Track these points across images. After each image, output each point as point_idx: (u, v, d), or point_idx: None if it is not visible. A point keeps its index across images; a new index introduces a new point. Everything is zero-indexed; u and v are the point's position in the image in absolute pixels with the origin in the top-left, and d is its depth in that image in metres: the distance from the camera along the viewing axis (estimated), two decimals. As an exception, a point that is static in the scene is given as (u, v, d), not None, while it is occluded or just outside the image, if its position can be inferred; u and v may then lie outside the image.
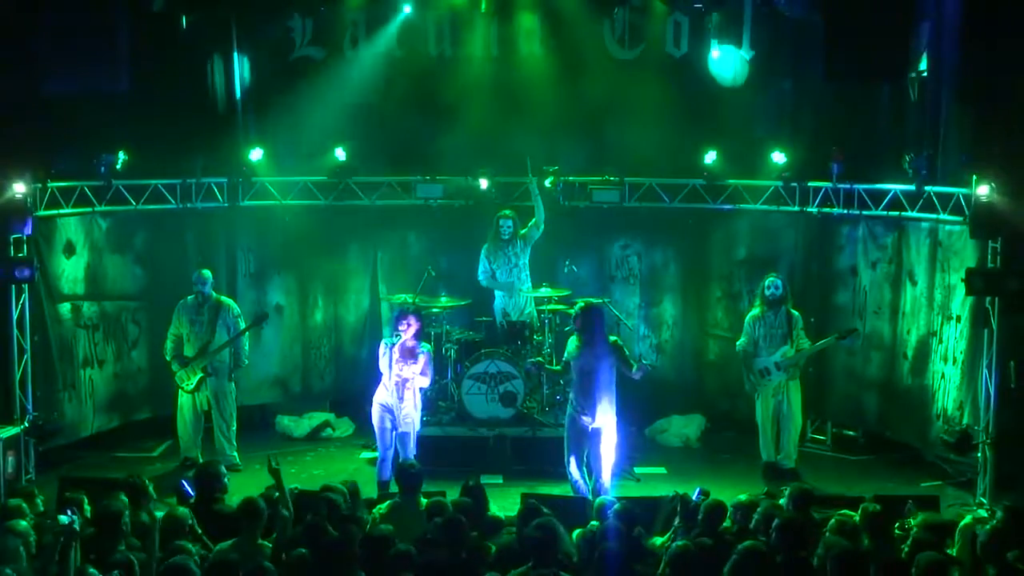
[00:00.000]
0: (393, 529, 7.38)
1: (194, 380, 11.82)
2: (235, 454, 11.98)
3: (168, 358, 11.96)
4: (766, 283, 11.78)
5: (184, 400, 11.94)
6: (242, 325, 12.01)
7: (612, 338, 10.74)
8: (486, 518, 8.23)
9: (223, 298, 12.11)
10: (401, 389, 10.69)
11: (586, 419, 10.42)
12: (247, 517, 7.50)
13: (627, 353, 10.72)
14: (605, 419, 10.44)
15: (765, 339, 11.67)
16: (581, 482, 10.58)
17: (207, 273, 11.97)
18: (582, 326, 10.44)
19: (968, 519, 8.05)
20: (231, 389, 12.04)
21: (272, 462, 8.06)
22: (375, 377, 11.02)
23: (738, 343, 11.92)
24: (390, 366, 10.67)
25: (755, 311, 11.85)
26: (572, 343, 10.60)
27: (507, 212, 12.91)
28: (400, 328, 10.67)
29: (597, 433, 10.45)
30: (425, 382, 10.92)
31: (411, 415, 10.81)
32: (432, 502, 8.00)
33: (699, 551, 7.18)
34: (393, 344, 10.67)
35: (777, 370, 11.63)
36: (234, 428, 12.05)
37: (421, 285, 12.62)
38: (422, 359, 10.75)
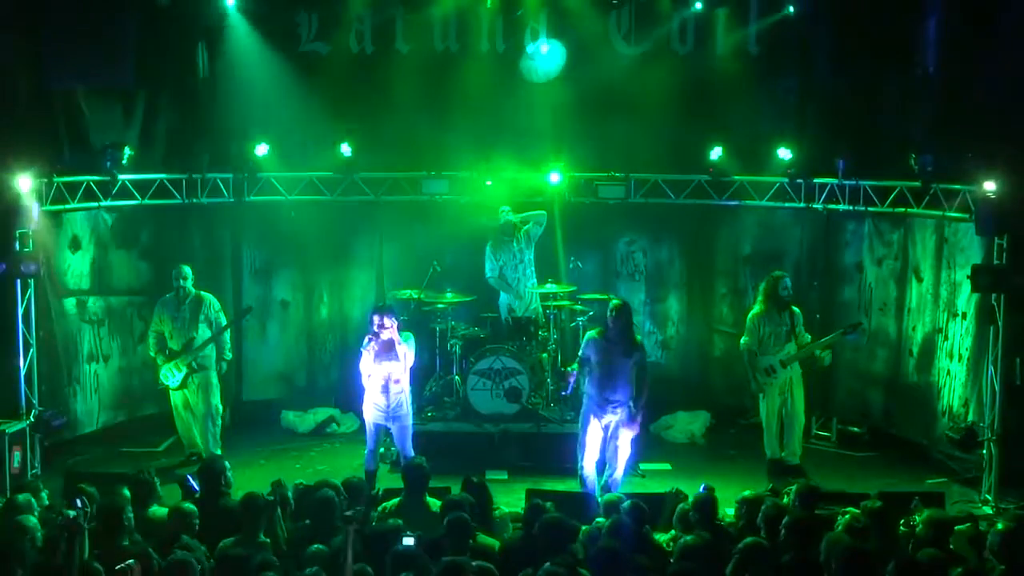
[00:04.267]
0: (402, 523, 7.39)
1: (179, 377, 11.76)
2: (218, 451, 11.77)
3: (152, 354, 11.89)
4: (780, 284, 11.50)
5: (176, 398, 11.91)
6: (223, 319, 11.94)
7: (638, 337, 10.78)
8: (490, 515, 8.24)
9: (203, 293, 11.95)
10: (389, 385, 10.65)
11: (610, 415, 10.44)
12: (248, 512, 7.50)
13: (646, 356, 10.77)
14: (626, 414, 10.48)
15: (771, 337, 11.49)
16: (592, 479, 10.60)
17: (186, 269, 11.88)
18: (616, 323, 10.42)
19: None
20: (216, 383, 11.92)
21: None
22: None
23: (742, 341, 11.70)
24: (373, 363, 10.61)
25: (758, 308, 11.63)
26: (593, 339, 10.52)
27: (504, 207, 12.93)
28: (374, 327, 10.58)
29: (618, 427, 10.48)
30: (406, 365, 10.72)
31: (403, 407, 10.76)
32: (448, 500, 7.97)
33: (707, 545, 7.20)
34: (366, 345, 10.60)
35: (783, 368, 11.52)
36: (219, 424, 11.92)
37: (427, 280, 12.63)
38: (402, 349, 10.63)
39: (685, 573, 6.78)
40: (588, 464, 10.61)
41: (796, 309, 11.64)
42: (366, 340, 10.57)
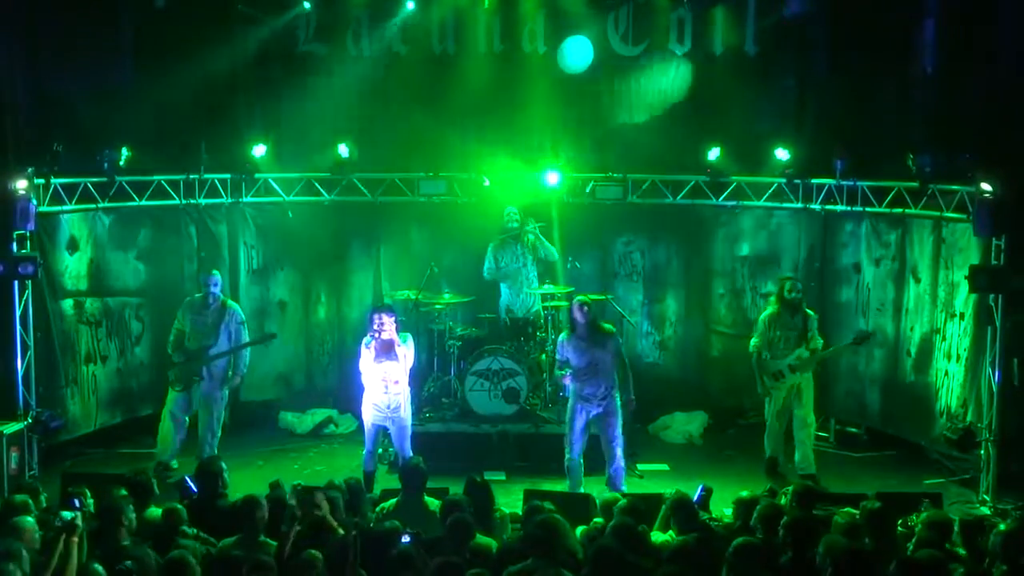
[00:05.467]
0: (400, 525, 7.38)
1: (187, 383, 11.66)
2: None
3: (170, 351, 11.78)
4: (787, 286, 11.35)
5: (171, 400, 11.68)
6: (244, 332, 11.77)
7: (608, 326, 10.79)
8: (492, 515, 8.23)
9: (229, 302, 11.88)
10: (388, 386, 10.66)
11: (596, 409, 10.49)
12: (248, 514, 7.49)
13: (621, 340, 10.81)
14: (612, 404, 10.52)
15: (780, 340, 11.28)
16: (579, 472, 10.63)
17: (216, 275, 11.79)
18: (582, 319, 10.46)
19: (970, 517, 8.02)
20: (223, 396, 11.79)
21: None
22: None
23: (751, 343, 11.48)
24: (373, 362, 10.63)
25: (770, 310, 11.45)
26: (565, 341, 10.57)
27: (513, 207, 12.91)
28: (374, 327, 10.60)
29: (608, 420, 10.51)
30: (406, 366, 10.73)
31: (402, 408, 10.76)
32: (448, 501, 7.98)
33: (695, 545, 7.20)
34: (370, 343, 10.63)
35: (791, 373, 11.28)
36: (219, 436, 11.76)
37: (424, 281, 12.62)
38: (400, 351, 10.65)
39: (674, 573, 6.78)
40: (575, 459, 10.63)
41: (811, 312, 11.45)
42: (367, 338, 10.58)
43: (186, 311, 11.76)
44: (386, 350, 10.58)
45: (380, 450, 11.39)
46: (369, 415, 10.78)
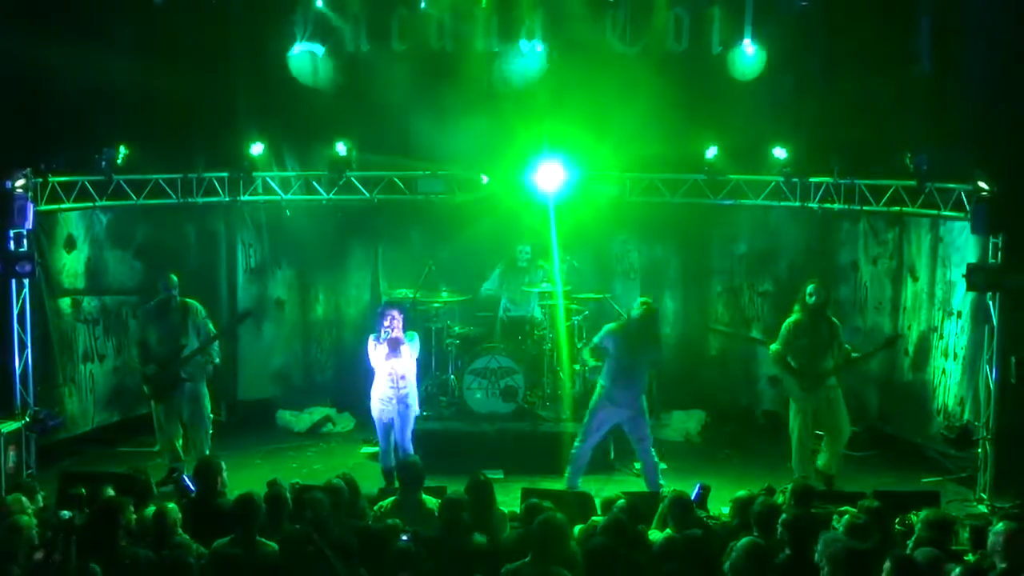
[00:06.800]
0: (400, 523, 7.39)
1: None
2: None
3: (139, 365, 11.46)
4: (808, 290, 10.91)
5: (159, 410, 11.40)
6: (210, 326, 11.58)
7: (661, 337, 10.73)
8: (492, 514, 8.23)
9: (188, 300, 11.57)
10: (395, 381, 10.70)
11: (619, 410, 10.41)
12: (243, 513, 7.48)
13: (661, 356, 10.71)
14: (639, 407, 10.45)
15: (807, 350, 10.83)
16: (580, 464, 10.56)
17: (175, 278, 11.44)
18: (640, 319, 10.32)
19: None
20: (205, 392, 11.61)
21: None
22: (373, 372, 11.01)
23: (771, 348, 11.12)
24: (384, 360, 10.68)
25: (795, 317, 10.99)
26: (612, 330, 10.40)
27: (527, 246, 13.01)
28: (385, 324, 10.65)
29: (637, 418, 10.46)
30: (412, 364, 10.84)
31: (408, 403, 10.81)
32: (446, 499, 7.98)
33: (687, 542, 7.21)
34: (380, 340, 10.67)
35: (820, 385, 10.87)
36: (210, 432, 11.60)
37: (422, 280, 12.61)
38: (405, 350, 10.72)
39: (670, 572, 6.79)
40: (583, 448, 10.53)
41: (836, 321, 11.14)
42: (380, 334, 10.61)
43: (148, 319, 11.44)
44: (394, 347, 10.63)
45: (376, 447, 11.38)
46: (377, 410, 10.82)
